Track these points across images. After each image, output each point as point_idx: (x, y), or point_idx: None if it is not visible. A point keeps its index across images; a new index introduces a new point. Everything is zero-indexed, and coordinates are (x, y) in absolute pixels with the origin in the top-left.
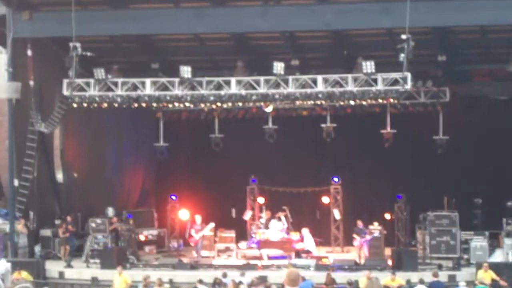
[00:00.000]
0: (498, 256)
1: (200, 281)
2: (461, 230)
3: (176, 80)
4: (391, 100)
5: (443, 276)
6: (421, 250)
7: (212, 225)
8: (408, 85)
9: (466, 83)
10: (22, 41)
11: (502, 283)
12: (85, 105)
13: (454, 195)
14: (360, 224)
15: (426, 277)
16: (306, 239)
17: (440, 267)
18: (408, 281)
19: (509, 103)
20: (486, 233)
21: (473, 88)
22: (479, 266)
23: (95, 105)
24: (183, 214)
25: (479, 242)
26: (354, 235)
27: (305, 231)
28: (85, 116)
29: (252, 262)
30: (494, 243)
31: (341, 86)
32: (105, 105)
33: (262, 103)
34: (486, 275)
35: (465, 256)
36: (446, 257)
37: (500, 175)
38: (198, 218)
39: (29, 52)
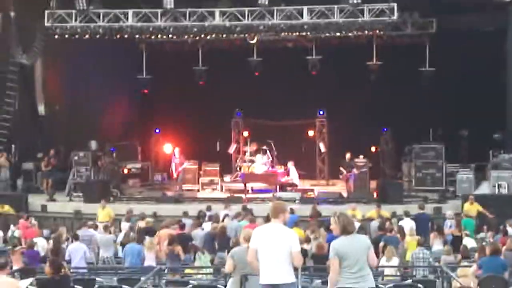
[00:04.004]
0: (484, 189)
1: (185, 214)
2: (447, 163)
3: (159, 11)
4: (378, 32)
5: (428, 209)
6: (407, 182)
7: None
8: (395, 16)
9: (453, 14)
10: None
11: (490, 215)
12: (66, 36)
13: (440, 127)
14: (348, 157)
15: (411, 210)
16: (291, 173)
17: (425, 199)
18: (393, 214)
19: (495, 35)
20: (472, 165)
21: (460, 20)
22: (465, 198)
23: (77, 36)
24: (167, 147)
25: (465, 175)
26: (341, 168)
27: (290, 164)
28: (67, 48)
29: (236, 195)
30: (480, 176)
31: (327, 17)
32: (87, 36)
33: (246, 35)
34: (472, 208)
35: (451, 189)
36: (431, 189)
37: (487, 107)
38: (177, 151)
39: None
